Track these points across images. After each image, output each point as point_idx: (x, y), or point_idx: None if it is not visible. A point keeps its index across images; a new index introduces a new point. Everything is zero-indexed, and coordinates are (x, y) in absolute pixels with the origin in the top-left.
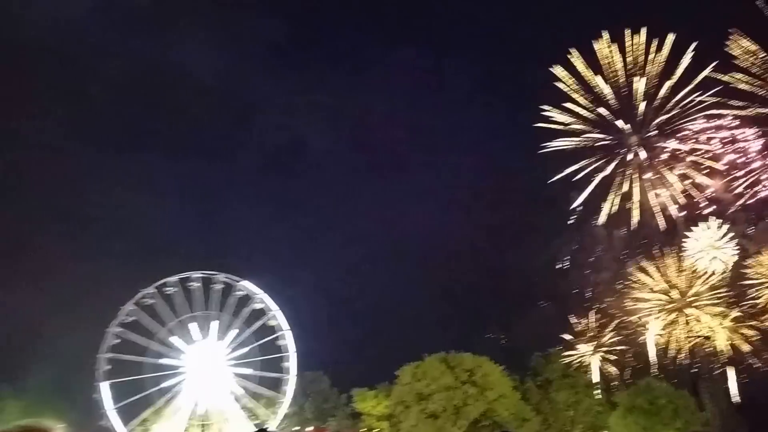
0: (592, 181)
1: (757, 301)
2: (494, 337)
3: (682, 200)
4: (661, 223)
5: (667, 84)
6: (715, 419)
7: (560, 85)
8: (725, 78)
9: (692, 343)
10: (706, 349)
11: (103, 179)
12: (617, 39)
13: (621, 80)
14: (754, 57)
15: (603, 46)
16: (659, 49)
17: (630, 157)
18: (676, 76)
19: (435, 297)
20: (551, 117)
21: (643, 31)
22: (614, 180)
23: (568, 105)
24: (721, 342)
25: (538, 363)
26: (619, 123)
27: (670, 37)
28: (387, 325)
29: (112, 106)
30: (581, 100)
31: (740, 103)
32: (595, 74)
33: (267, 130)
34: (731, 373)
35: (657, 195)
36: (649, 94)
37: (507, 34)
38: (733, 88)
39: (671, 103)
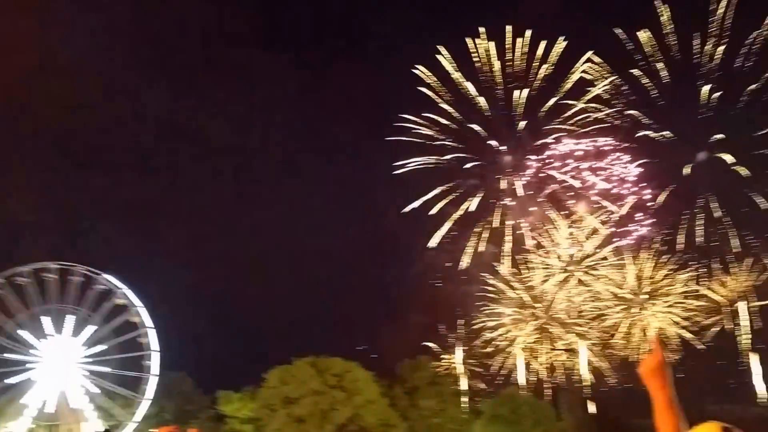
0: (464, 204)
1: (609, 322)
2: (366, 344)
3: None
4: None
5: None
6: (571, 428)
7: (425, 90)
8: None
9: (554, 358)
10: (566, 364)
11: None
12: (497, 37)
13: (499, 90)
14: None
15: (479, 46)
16: (546, 57)
17: (504, 185)
18: (563, 90)
19: (308, 302)
20: (414, 129)
21: (528, 33)
22: (485, 207)
23: (435, 116)
24: (581, 358)
25: (406, 370)
26: (493, 142)
27: (561, 44)
28: (257, 328)
29: None
30: (449, 109)
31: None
32: (467, 80)
33: (138, 127)
34: (588, 386)
35: (526, 222)
36: (531, 109)
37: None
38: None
39: (556, 122)
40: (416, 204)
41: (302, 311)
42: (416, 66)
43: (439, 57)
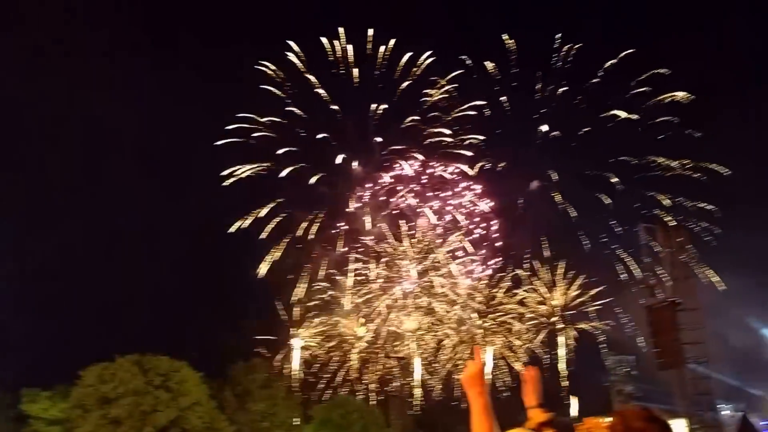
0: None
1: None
2: (200, 345)
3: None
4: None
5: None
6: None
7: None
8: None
9: (387, 367)
10: (398, 373)
11: None
12: (356, 39)
13: (354, 98)
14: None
15: (337, 48)
16: (411, 66)
17: (353, 206)
18: (419, 110)
19: (138, 297)
20: (253, 133)
21: (392, 42)
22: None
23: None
24: (416, 368)
25: (238, 372)
26: (342, 156)
27: (426, 61)
28: (75, 322)
29: None
30: (298, 112)
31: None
32: (320, 84)
33: None
34: (418, 393)
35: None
36: (386, 125)
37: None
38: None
39: (406, 143)
40: (246, 223)
41: (130, 308)
42: (261, 62)
43: (289, 54)
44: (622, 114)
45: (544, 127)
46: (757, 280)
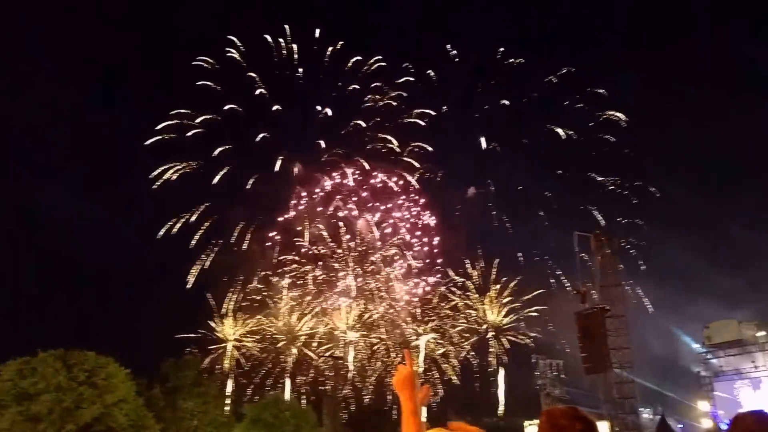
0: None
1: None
2: (130, 341)
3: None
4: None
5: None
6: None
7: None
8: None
9: (321, 368)
10: (330, 374)
11: None
12: (301, 37)
13: (297, 98)
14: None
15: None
16: (357, 70)
17: (292, 209)
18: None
19: (58, 287)
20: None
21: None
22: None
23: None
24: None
25: (169, 369)
26: (280, 159)
27: (372, 63)
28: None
29: None
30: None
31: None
32: (263, 83)
33: None
34: (350, 394)
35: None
36: (330, 127)
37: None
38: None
39: (346, 149)
40: (180, 222)
41: (58, 303)
42: (200, 57)
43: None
44: (559, 130)
45: (483, 139)
46: (676, 290)
